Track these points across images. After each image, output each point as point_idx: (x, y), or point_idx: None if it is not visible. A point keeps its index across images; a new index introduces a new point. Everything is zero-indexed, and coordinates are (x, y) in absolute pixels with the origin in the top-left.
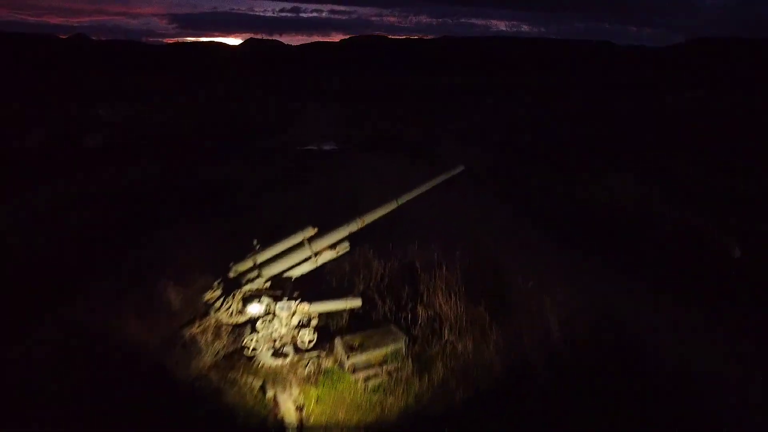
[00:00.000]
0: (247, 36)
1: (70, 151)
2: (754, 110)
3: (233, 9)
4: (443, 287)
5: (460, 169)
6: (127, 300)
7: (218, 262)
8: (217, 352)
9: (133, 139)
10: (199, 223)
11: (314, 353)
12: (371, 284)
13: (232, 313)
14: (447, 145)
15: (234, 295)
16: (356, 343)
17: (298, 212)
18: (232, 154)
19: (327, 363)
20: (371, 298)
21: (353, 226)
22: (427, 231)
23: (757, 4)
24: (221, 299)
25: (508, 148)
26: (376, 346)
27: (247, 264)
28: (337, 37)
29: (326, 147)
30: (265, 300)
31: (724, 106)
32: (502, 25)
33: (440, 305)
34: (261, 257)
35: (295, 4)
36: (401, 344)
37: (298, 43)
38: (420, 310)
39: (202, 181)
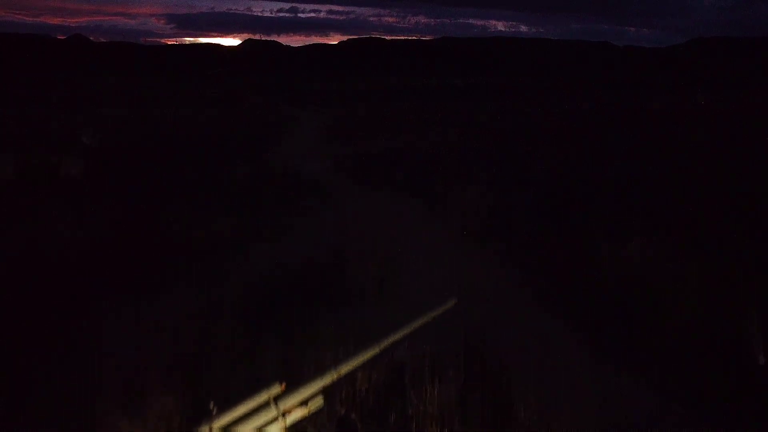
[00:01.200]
0: (246, 36)
1: (40, 185)
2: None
3: (231, 9)
4: (434, 413)
5: (451, 303)
6: None
7: (174, 369)
8: None
9: (111, 166)
10: (142, 303)
11: None
12: (353, 407)
13: None
14: (447, 166)
15: None
16: None
17: (266, 285)
18: (203, 190)
19: None
20: (353, 424)
21: (327, 379)
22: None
23: (755, 4)
24: None
25: (512, 182)
26: None
27: None
28: (335, 38)
29: (315, 170)
30: None
31: (734, 110)
32: (500, 26)
33: None
34: (218, 423)
35: (294, 5)
36: None
37: (297, 44)
38: None
39: (155, 238)
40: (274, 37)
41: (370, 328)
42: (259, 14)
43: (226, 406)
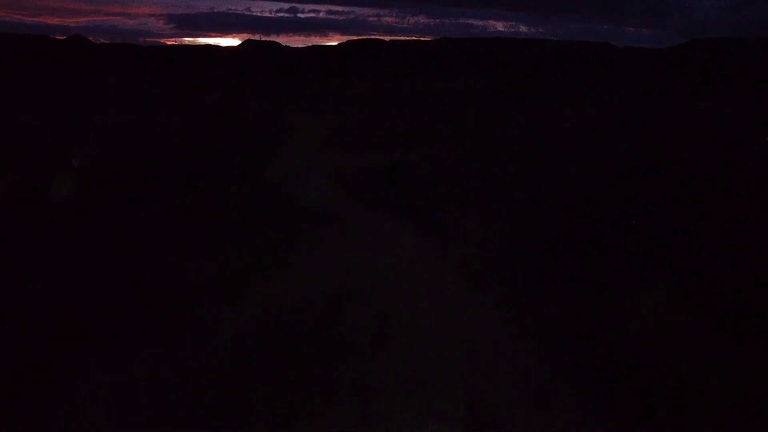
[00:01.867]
0: (245, 36)
1: (26, 209)
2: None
3: (230, 9)
4: None
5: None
6: None
7: None
8: None
9: (100, 190)
10: (124, 359)
11: None
12: None
13: None
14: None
15: None
16: None
17: (255, 340)
18: (196, 217)
19: None
20: None
21: None
22: (416, 388)
23: (755, 4)
24: None
25: (513, 201)
26: None
27: None
28: (334, 38)
29: (313, 191)
30: None
31: (735, 112)
32: (500, 26)
33: None
34: None
35: (293, 5)
36: None
37: (296, 44)
38: None
39: (141, 282)
40: (273, 38)
41: (368, 408)
42: (259, 14)
43: None
